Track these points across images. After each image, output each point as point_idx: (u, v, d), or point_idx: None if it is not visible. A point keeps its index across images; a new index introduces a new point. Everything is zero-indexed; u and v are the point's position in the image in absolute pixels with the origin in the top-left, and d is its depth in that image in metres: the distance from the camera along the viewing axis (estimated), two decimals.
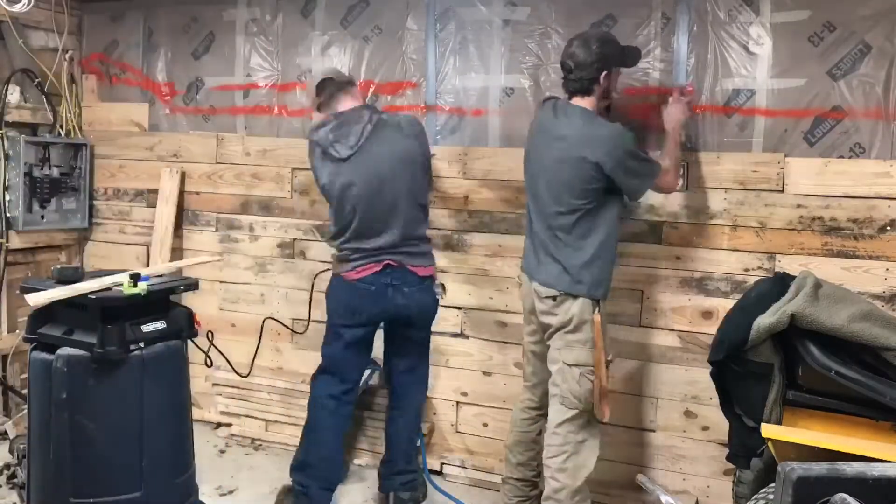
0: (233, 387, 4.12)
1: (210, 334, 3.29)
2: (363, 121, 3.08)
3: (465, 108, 3.69)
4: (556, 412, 2.95)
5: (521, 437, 3.21)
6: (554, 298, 2.90)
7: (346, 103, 3.16)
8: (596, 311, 2.87)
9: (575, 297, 2.87)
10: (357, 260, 3.11)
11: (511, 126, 3.58)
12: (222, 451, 3.96)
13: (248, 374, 4.08)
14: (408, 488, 3.37)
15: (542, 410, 3.14)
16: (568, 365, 2.89)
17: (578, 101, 2.92)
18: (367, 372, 3.79)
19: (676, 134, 3.08)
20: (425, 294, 3.21)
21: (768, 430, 2.31)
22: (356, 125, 3.07)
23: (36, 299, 2.63)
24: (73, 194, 4.41)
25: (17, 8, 3.86)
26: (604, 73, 2.88)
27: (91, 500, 2.60)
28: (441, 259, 3.74)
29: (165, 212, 4.25)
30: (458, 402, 3.79)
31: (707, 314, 3.28)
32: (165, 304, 2.86)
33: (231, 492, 3.51)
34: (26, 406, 2.96)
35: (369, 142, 3.07)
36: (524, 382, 3.23)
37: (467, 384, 3.76)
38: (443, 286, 3.66)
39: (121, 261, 4.39)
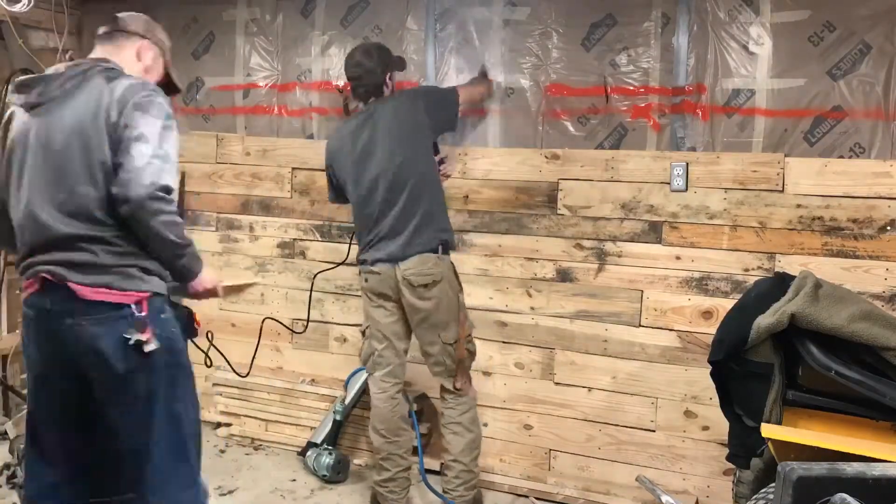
0: (232, 387, 4.12)
1: (210, 334, 3.28)
2: (80, 68, 2.23)
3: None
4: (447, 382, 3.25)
5: None
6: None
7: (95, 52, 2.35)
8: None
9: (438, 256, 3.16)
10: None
11: (511, 126, 3.58)
12: (222, 451, 3.95)
13: (248, 374, 4.08)
14: None
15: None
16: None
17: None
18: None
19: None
20: (102, 332, 2.05)
21: (768, 430, 2.31)
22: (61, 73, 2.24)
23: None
24: None
25: (17, 8, 3.86)
26: (388, 74, 3.24)
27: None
28: None
29: None
30: None
31: (707, 314, 3.28)
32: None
33: (231, 492, 3.51)
34: (26, 406, 2.95)
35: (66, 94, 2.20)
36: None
37: None
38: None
39: None
